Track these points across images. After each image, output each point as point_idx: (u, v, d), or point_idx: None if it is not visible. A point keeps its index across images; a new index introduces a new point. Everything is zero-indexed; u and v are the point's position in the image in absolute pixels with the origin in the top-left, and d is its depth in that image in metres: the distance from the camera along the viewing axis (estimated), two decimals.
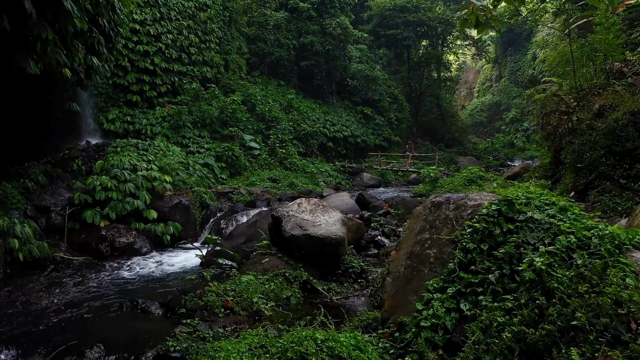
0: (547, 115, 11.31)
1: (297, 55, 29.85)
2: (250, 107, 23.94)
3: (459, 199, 4.80)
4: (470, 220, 4.43)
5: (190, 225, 13.13)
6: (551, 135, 10.68)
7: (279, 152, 22.19)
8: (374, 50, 38.24)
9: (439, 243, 4.60)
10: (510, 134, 55.60)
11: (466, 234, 4.32)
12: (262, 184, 18.48)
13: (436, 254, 4.56)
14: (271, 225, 8.67)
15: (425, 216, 4.96)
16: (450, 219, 4.67)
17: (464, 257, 4.20)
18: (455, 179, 14.51)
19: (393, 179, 26.66)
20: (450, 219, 4.66)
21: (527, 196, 4.35)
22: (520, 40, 61.27)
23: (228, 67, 25.94)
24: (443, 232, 4.64)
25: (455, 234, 4.49)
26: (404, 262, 4.83)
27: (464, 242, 4.27)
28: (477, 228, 4.25)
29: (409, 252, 4.86)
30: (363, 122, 32.08)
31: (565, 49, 16.14)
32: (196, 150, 19.29)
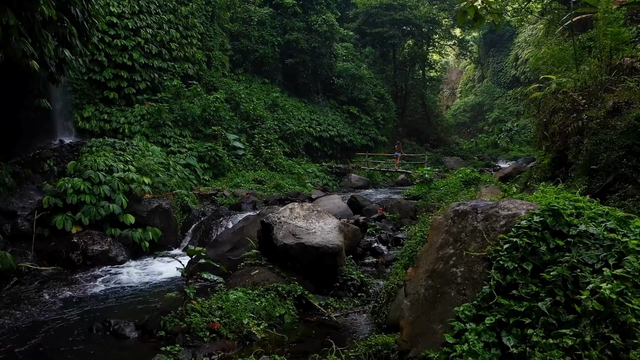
0: (551, 113, 10.74)
1: (282, 52, 29.03)
2: (234, 106, 23.05)
3: (488, 208, 4.09)
4: (506, 234, 3.73)
5: (171, 231, 12.27)
6: (555, 135, 10.11)
7: (264, 152, 21.36)
8: (360, 49, 37.62)
9: (467, 260, 3.89)
10: (493, 134, 55.71)
11: (502, 251, 3.62)
12: (247, 185, 17.64)
13: (464, 273, 3.85)
14: (260, 232, 7.89)
15: (448, 227, 4.25)
16: (479, 231, 3.97)
17: (501, 278, 3.49)
18: (451, 181, 13.92)
19: (381, 180, 26.02)
20: (479, 231, 3.96)
21: (576, 205, 3.67)
22: (502, 41, 61.51)
23: (211, 64, 24.99)
24: (471, 247, 3.93)
25: (487, 249, 3.79)
26: (424, 281, 4.11)
27: (501, 261, 3.56)
28: (516, 243, 3.55)
29: (429, 270, 4.14)
30: (349, 122, 31.41)
31: (564, 45, 15.70)
32: (177, 150, 18.34)
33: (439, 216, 4.57)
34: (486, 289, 3.52)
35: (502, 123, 56.77)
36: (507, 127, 55.60)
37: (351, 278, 7.14)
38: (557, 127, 9.94)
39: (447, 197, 12.02)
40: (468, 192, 12.00)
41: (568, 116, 9.67)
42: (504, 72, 61.35)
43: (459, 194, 12.16)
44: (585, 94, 9.34)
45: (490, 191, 10.48)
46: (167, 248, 12.08)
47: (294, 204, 8.07)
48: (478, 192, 10.86)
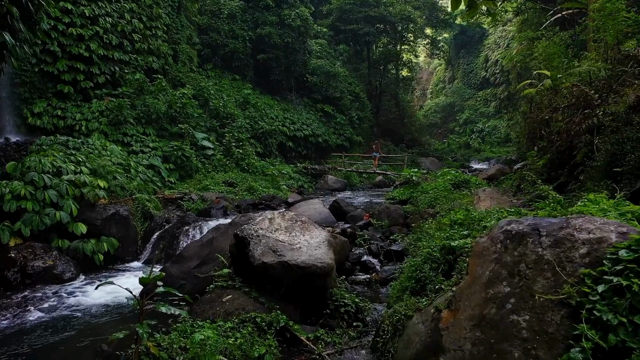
0: (552, 110, 9.86)
1: (254, 47, 27.62)
2: (203, 102, 21.56)
3: (556, 229, 2.96)
4: (593, 268, 2.61)
5: (130, 241, 10.81)
6: (561, 133, 9.19)
7: (235, 152, 19.95)
8: (334, 46, 36.54)
9: (534, 304, 2.75)
10: (465, 135, 55.75)
11: (594, 294, 2.50)
12: (216, 188, 16.23)
13: (531, 323, 2.71)
14: (234, 247, 6.60)
15: (498, 255, 3.10)
16: (547, 262, 2.84)
17: (601, 338, 2.36)
18: (439, 184, 12.92)
19: (358, 182, 24.96)
20: (548, 262, 2.83)
21: None
22: (472, 43, 61.86)
23: (177, 58, 23.41)
24: (538, 286, 2.80)
25: (565, 290, 2.66)
26: (469, 332, 2.96)
27: (596, 310, 2.44)
28: (618, 285, 2.43)
29: (476, 316, 2.99)
30: (324, 121, 30.25)
31: (555, 39, 14.96)
32: (140, 149, 16.76)
33: (481, 238, 3.42)
34: (577, 355, 2.38)
35: (473, 124, 56.98)
36: (479, 128, 55.79)
37: (344, 303, 5.93)
38: (563, 124, 9.01)
39: (438, 201, 10.99)
40: (462, 196, 11.01)
41: (575, 113, 8.76)
42: (474, 74, 61.69)
43: (451, 198, 11.15)
44: (598, 88, 8.42)
45: (489, 195, 9.49)
46: (126, 260, 10.63)
47: (273, 213, 6.81)
48: (475, 196, 9.86)
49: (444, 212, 9.18)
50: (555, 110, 9.85)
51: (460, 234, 5.61)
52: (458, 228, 6.10)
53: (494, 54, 57.32)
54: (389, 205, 10.63)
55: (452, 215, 6.58)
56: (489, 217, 5.99)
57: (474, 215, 6.21)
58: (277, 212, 6.82)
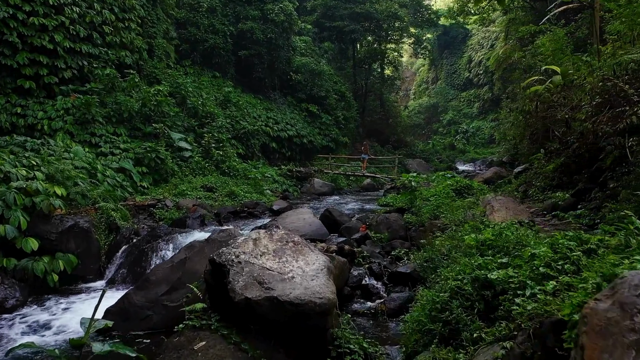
0: (571, 109, 8.81)
1: (235, 43, 26.22)
2: (180, 100, 20.11)
3: None
4: None
5: (92, 257, 9.40)
6: (587, 135, 8.14)
7: (214, 154, 18.55)
8: (318, 44, 35.32)
9: None
10: (449, 136, 55.28)
11: None
12: (194, 193, 14.85)
13: None
14: (210, 276, 5.31)
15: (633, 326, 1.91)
16: None
17: None
18: (439, 190, 11.79)
19: (345, 185, 23.76)
20: None
21: None
22: (456, 44, 61.66)
23: (153, 53, 21.90)
24: None
25: None
26: None
27: None
28: None
29: None
30: (309, 121, 28.98)
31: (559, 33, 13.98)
32: (109, 151, 15.28)
33: (600, 303, 2.20)
34: None
35: (457, 125, 56.69)
36: (463, 129, 55.41)
37: (350, 349, 4.67)
38: (590, 124, 7.92)
39: (442, 209, 9.83)
40: (468, 204, 9.88)
41: (602, 111, 7.68)
42: (457, 74, 61.47)
43: (456, 206, 10.01)
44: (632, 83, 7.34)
45: (503, 205, 8.36)
46: (87, 280, 9.22)
47: (259, 232, 5.53)
48: (487, 205, 8.72)
49: (453, 223, 8.03)
50: (575, 109, 8.79)
51: (497, 262, 4.43)
52: (490, 253, 4.93)
53: (477, 54, 57.11)
54: (388, 215, 9.43)
55: (477, 234, 5.40)
56: (532, 240, 4.83)
57: (508, 236, 5.04)
58: (264, 232, 5.55)
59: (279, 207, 13.33)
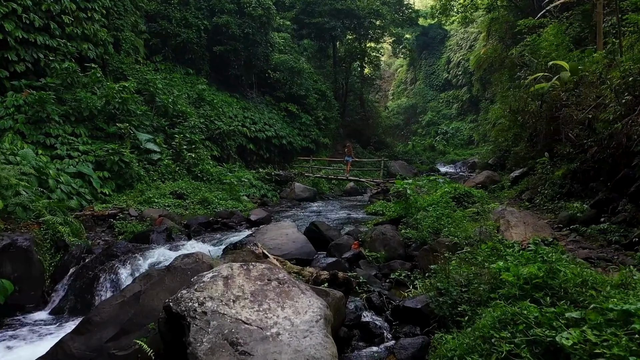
0: (594, 107, 7.72)
1: (210, 38, 24.68)
2: (149, 98, 18.51)
3: None
4: None
5: (33, 282, 7.85)
6: (619, 137, 7.04)
7: (186, 157, 17.03)
8: (297, 41, 33.98)
9: None
10: (429, 137, 54.79)
11: None
12: (162, 201, 13.34)
13: None
14: (166, 327, 3.94)
15: None
16: None
17: None
18: (436, 197, 10.61)
19: (327, 189, 22.45)
20: None
21: None
22: (434, 44, 61.40)
23: (120, 47, 20.24)
24: None
25: None
26: None
27: None
28: None
29: None
30: (288, 121, 27.61)
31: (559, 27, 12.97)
32: (66, 153, 13.64)
33: None
34: None
35: (436, 126, 56.37)
36: (443, 130, 55.07)
37: None
38: (621, 125, 6.81)
39: (443, 221, 8.64)
40: (472, 215, 8.70)
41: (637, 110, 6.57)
42: (436, 75, 61.23)
43: (458, 217, 8.82)
44: None
45: (521, 219, 7.18)
46: (26, 310, 7.68)
47: (231, 268, 4.17)
48: (500, 219, 7.53)
49: (465, 242, 6.83)
50: (598, 108, 7.70)
51: (568, 317, 3.19)
52: (541, 295, 3.70)
53: (456, 55, 56.94)
54: (384, 229, 8.17)
55: (518, 268, 4.17)
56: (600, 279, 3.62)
57: (566, 274, 3.81)
58: (238, 266, 4.20)
59: (257, 217, 11.94)
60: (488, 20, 34.94)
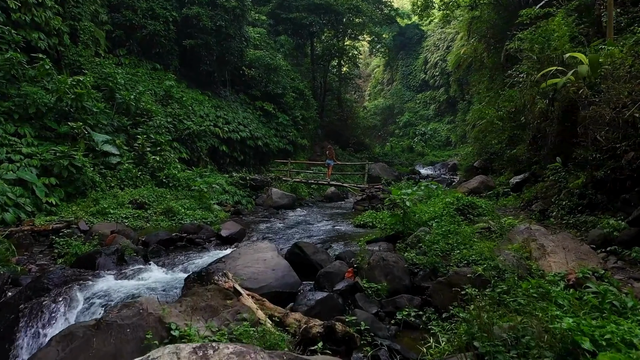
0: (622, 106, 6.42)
1: (179, 31, 22.82)
2: (108, 94, 16.62)
3: None
4: None
5: None
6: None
7: (150, 160, 15.21)
8: (274, 37, 32.31)
9: None
10: (406, 138, 54.04)
11: None
12: (118, 212, 11.55)
13: None
14: None
15: None
16: None
17: None
18: (437, 209, 9.20)
19: (307, 194, 20.87)
20: None
21: None
22: (411, 44, 60.86)
23: (77, 39, 18.24)
24: None
25: None
26: None
27: None
28: None
29: None
30: (264, 121, 25.92)
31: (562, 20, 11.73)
32: (5, 157, 11.72)
33: None
34: None
35: (413, 126, 55.76)
36: (421, 131, 54.43)
37: None
38: None
39: (451, 240, 7.21)
40: (482, 231, 7.29)
41: None
42: (413, 76, 60.67)
43: (467, 235, 7.41)
44: None
45: (558, 243, 5.76)
46: None
47: (177, 354, 2.61)
48: (528, 242, 6.12)
49: (490, 271, 5.40)
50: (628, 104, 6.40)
51: None
52: None
53: (433, 56, 56.47)
54: (384, 254, 6.66)
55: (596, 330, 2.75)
56: None
57: None
58: (190, 350, 2.65)
59: (229, 232, 10.26)
60: (468, 19, 34.05)
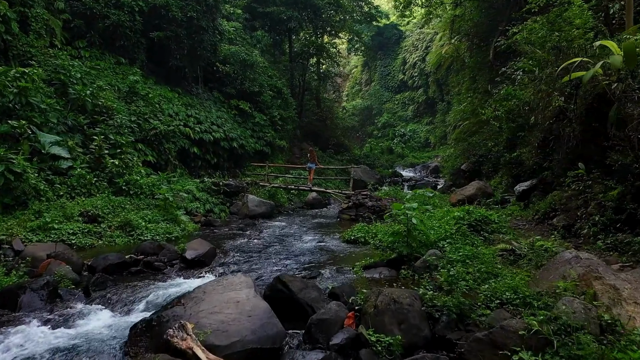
0: None
1: (146, 22, 20.85)
2: (61, 90, 14.67)
3: None
4: None
5: None
6: None
7: (109, 164, 13.34)
8: (250, 32, 30.53)
9: None
10: (386, 139, 53.07)
11: None
12: (64, 227, 9.68)
13: None
14: None
15: None
16: None
17: None
18: (446, 225, 7.74)
19: (285, 200, 19.20)
20: None
21: None
22: (389, 45, 60.06)
23: (28, 28, 16.20)
24: None
25: None
26: None
27: None
28: None
29: None
30: (239, 121, 24.14)
31: None
32: None
33: None
34: None
35: (392, 127, 54.95)
36: (401, 132, 53.62)
37: None
38: None
39: (471, 268, 5.73)
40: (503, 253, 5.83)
41: None
42: (391, 76, 59.86)
43: (488, 259, 5.94)
44: None
45: (638, 285, 4.33)
46: None
47: None
48: (588, 280, 4.66)
49: (547, 325, 3.92)
50: None
51: None
52: None
53: (412, 56, 55.73)
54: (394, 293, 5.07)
55: None
56: None
57: None
58: None
59: (195, 253, 8.48)
60: (450, 18, 32.98)
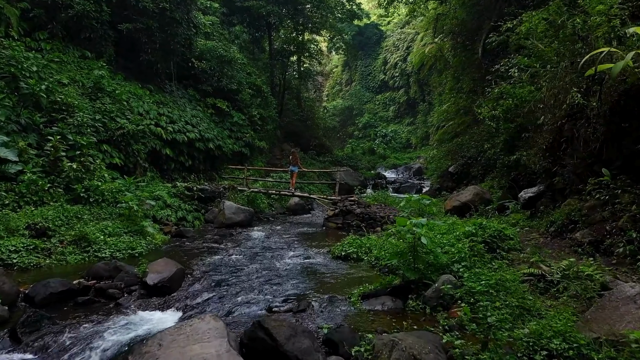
0: None
1: (114, 13, 19.25)
2: (13, 84, 13.08)
3: None
4: None
5: None
6: None
7: (66, 168, 11.83)
8: (228, 28, 29.09)
9: None
10: (367, 139, 52.42)
11: None
12: (4, 244, 8.20)
13: None
14: None
15: None
16: None
17: None
18: (458, 243, 6.60)
19: (266, 206, 17.86)
20: None
21: None
22: (370, 45, 59.63)
23: None
24: None
25: None
26: None
27: None
28: None
29: None
30: (216, 121, 22.70)
31: None
32: None
33: None
34: None
35: (373, 128, 54.42)
36: (382, 133, 53.06)
37: None
38: None
39: (498, 301, 4.58)
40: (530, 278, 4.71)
41: None
42: (372, 76, 59.41)
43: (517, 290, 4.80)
44: None
45: None
46: None
47: None
48: None
49: None
50: None
51: None
52: None
53: (393, 56, 55.30)
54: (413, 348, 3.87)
55: None
56: None
57: None
58: None
59: (159, 277, 7.01)
60: (433, 17, 32.24)
